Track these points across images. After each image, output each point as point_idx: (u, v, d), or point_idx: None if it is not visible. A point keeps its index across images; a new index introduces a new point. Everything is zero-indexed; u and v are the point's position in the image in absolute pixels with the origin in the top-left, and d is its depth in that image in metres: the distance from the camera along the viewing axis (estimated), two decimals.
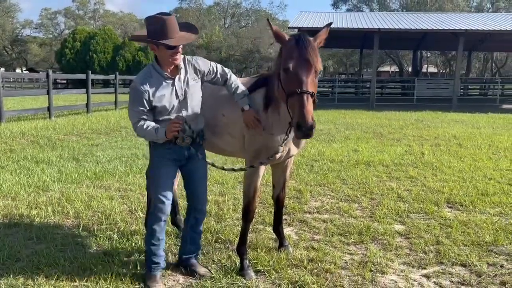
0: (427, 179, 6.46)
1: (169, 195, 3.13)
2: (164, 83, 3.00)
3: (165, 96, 2.99)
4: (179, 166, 3.20)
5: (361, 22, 24.47)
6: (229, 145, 3.45)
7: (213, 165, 3.36)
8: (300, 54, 2.74)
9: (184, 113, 3.05)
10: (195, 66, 3.13)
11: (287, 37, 2.89)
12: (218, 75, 3.23)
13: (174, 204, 4.19)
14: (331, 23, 3.12)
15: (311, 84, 2.72)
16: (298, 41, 2.78)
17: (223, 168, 3.48)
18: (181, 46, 2.93)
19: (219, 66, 3.26)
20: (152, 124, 2.98)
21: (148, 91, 2.93)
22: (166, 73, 3.00)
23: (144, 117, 2.98)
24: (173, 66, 3.01)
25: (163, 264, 3.25)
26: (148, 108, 2.97)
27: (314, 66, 2.74)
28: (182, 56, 3.04)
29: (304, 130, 2.60)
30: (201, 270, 3.34)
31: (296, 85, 2.70)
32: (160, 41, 2.82)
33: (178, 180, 4.03)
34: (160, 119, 3.04)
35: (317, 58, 2.77)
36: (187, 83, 3.07)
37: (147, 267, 3.23)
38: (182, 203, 4.95)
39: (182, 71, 3.06)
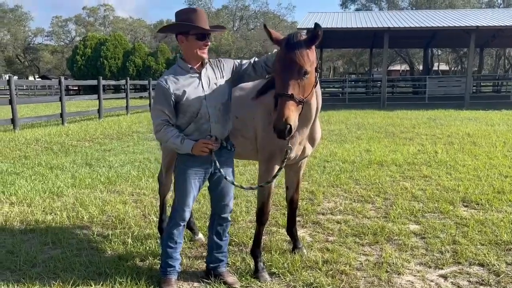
0: (442, 178, 6.38)
1: (191, 202, 3.09)
2: (189, 78, 2.95)
3: (190, 90, 2.91)
4: (206, 172, 3.09)
5: (370, 21, 24.34)
6: (242, 147, 3.43)
7: (232, 183, 3.17)
8: (283, 57, 2.67)
9: (210, 110, 2.94)
10: (219, 64, 3.09)
11: (281, 39, 2.79)
12: (245, 64, 3.13)
13: None
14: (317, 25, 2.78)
15: (292, 86, 2.60)
16: (285, 43, 2.70)
17: (241, 187, 3.24)
18: (209, 40, 2.92)
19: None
20: (177, 132, 2.92)
21: (172, 86, 2.88)
22: (191, 67, 2.96)
23: (168, 119, 2.91)
24: (199, 63, 2.98)
25: (178, 267, 3.24)
26: (172, 106, 2.90)
27: (297, 67, 2.61)
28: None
29: (276, 133, 2.61)
30: (230, 279, 3.25)
31: (277, 87, 2.70)
32: (193, 24, 2.80)
33: None
34: (185, 118, 2.95)
35: (303, 58, 2.62)
36: (214, 79, 3.01)
37: (162, 270, 3.21)
38: (196, 206, 4.97)
39: (208, 66, 3.03)
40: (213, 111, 2.96)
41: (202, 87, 2.95)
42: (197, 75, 2.97)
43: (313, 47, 2.74)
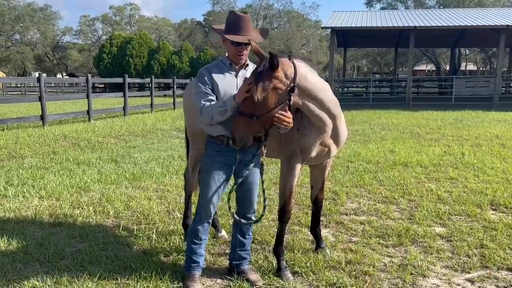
0: (469, 181, 6.24)
1: (216, 199, 3.12)
2: (227, 73, 3.06)
3: (226, 85, 3.02)
4: (230, 168, 3.12)
5: (396, 20, 23.95)
6: (270, 146, 3.42)
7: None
8: (250, 78, 2.87)
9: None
10: None
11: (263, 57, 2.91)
12: None
13: None
14: (291, 51, 3.15)
15: (245, 105, 2.82)
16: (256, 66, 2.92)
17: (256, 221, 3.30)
18: (248, 46, 3.00)
19: None
20: (217, 102, 2.98)
21: (211, 76, 3.01)
22: (232, 64, 3.07)
23: (210, 97, 2.99)
24: (239, 64, 3.08)
25: (202, 264, 3.27)
26: (211, 90, 3.01)
27: (250, 93, 2.79)
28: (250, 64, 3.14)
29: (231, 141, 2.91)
30: (253, 276, 3.27)
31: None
32: (226, 35, 2.96)
33: None
34: None
35: (255, 87, 2.77)
36: None
37: (186, 265, 3.26)
38: (220, 203, 5.00)
39: (250, 69, 3.11)
40: None
41: (237, 85, 3.04)
42: (235, 73, 3.08)
43: (279, 73, 2.83)
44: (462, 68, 50.69)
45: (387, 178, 6.41)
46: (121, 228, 4.36)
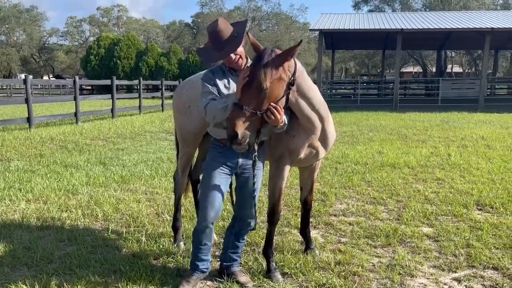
0: (455, 181, 6.34)
1: (217, 201, 3.04)
2: (230, 77, 3.05)
3: (230, 89, 3.00)
4: (232, 174, 3.10)
5: (383, 22, 24.21)
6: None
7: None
8: (247, 69, 2.81)
9: None
10: None
11: (260, 50, 2.86)
12: None
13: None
14: (301, 41, 3.07)
15: (247, 98, 2.70)
16: (256, 55, 2.82)
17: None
18: (239, 49, 2.97)
19: None
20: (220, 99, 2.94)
21: (216, 78, 3.00)
22: (230, 69, 3.06)
23: (214, 96, 2.95)
24: (240, 69, 3.04)
25: (204, 268, 3.20)
26: (216, 92, 2.99)
27: (255, 82, 2.69)
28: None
29: (228, 139, 2.73)
30: (242, 278, 3.27)
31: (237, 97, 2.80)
32: (207, 62, 2.99)
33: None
34: None
35: (263, 75, 2.69)
36: None
37: (190, 265, 3.26)
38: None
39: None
40: None
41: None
42: (234, 77, 3.06)
43: (286, 63, 2.79)
44: (448, 70, 51.38)
45: (375, 179, 6.48)
46: (110, 231, 4.33)
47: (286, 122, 2.95)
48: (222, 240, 3.52)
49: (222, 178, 3.06)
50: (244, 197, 3.17)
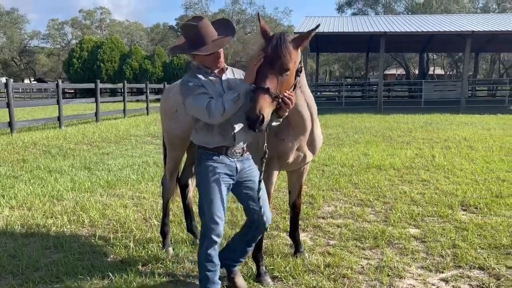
0: (440, 182, 6.43)
1: (222, 213, 2.81)
2: (211, 79, 2.79)
3: (212, 91, 2.74)
4: (232, 181, 2.89)
5: (367, 25, 24.48)
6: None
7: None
8: (268, 51, 2.67)
9: (232, 117, 2.72)
10: (239, 73, 2.98)
11: (270, 35, 2.77)
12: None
13: (188, 210, 4.22)
14: (318, 25, 3.02)
15: (270, 80, 2.60)
16: (274, 37, 2.69)
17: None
18: (219, 52, 2.76)
19: None
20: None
21: (199, 80, 2.76)
22: (212, 71, 2.82)
23: (209, 95, 2.70)
24: (220, 68, 2.85)
25: None
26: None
27: (279, 62, 2.61)
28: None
29: (249, 123, 2.59)
30: (239, 280, 3.23)
31: (256, 80, 2.67)
32: (194, 52, 2.70)
33: (194, 183, 4.07)
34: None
35: (287, 55, 2.63)
36: (234, 82, 2.85)
37: None
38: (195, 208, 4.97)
39: (229, 72, 2.90)
40: (233, 117, 2.75)
41: (223, 89, 2.79)
42: (218, 78, 2.84)
43: (299, 49, 2.76)
44: (431, 72, 52.11)
45: (362, 181, 6.53)
46: (97, 237, 4.27)
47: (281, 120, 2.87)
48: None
49: (222, 188, 2.82)
50: (262, 199, 2.92)
